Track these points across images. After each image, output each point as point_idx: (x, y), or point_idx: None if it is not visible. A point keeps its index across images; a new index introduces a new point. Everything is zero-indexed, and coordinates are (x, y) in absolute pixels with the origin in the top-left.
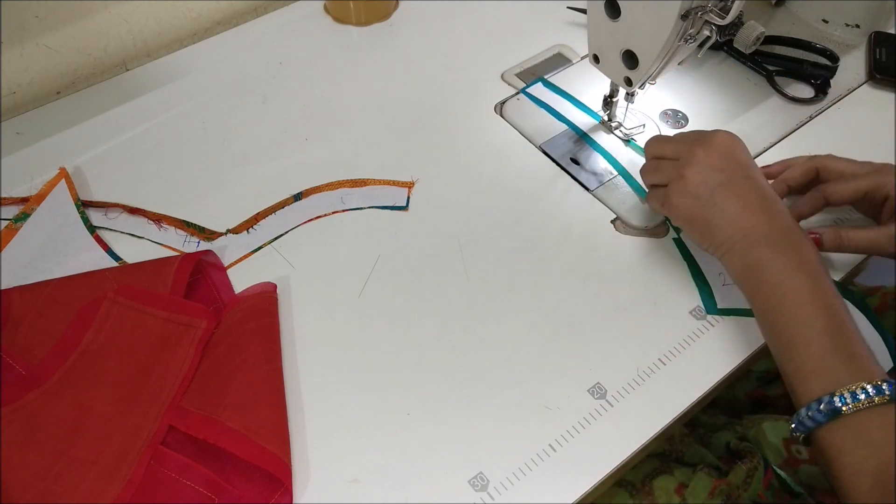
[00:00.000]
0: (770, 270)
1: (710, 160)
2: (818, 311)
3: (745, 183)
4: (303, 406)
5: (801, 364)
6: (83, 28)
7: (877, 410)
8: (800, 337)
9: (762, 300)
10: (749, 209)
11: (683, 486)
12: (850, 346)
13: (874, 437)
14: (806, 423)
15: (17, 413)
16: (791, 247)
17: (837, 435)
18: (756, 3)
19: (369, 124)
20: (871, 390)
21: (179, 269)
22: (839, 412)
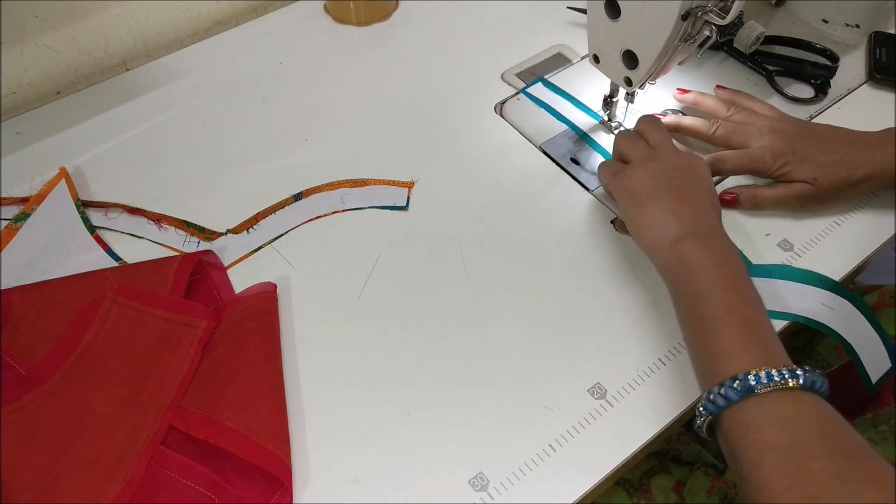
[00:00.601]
0: (698, 258)
1: (676, 163)
2: (741, 300)
3: (695, 187)
4: (303, 406)
5: (719, 345)
6: (83, 28)
7: (789, 393)
8: (722, 319)
9: (688, 286)
10: (689, 206)
11: (681, 484)
12: (769, 337)
13: (786, 415)
14: (717, 402)
15: (17, 413)
16: (718, 244)
17: (749, 412)
18: (756, 3)
19: (369, 124)
20: (786, 373)
21: (179, 269)
22: (752, 390)
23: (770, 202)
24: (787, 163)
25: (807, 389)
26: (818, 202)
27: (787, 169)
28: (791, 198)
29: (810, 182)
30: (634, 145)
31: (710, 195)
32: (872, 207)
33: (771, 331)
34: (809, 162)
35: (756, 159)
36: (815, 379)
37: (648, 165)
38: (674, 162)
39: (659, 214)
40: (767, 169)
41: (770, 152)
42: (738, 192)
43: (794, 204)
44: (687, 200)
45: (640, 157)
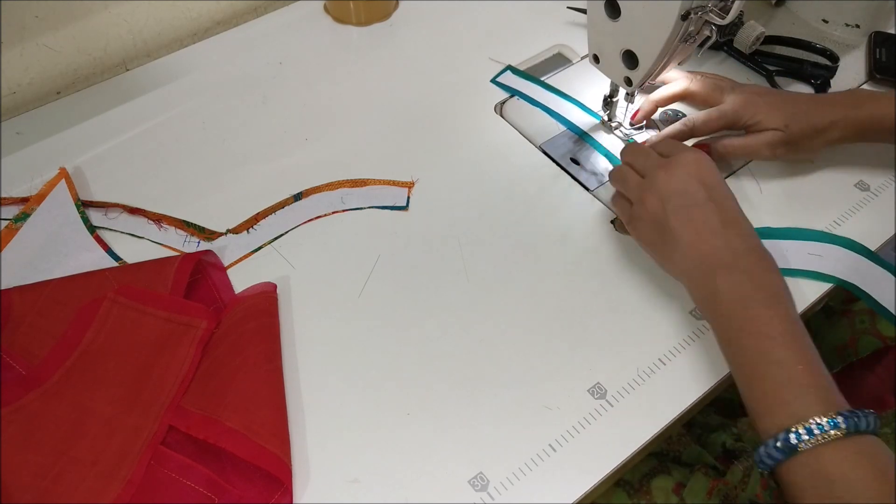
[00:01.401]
0: (724, 300)
1: (671, 185)
2: (773, 341)
3: (705, 207)
4: (303, 406)
5: (759, 400)
6: (83, 28)
7: (833, 445)
8: (755, 371)
9: (721, 331)
10: (704, 234)
11: (681, 485)
12: (807, 376)
13: (831, 475)
14: (766, 461)
15: (17, 413)
16: (745, 272)
17: (796, 473)
18: (756, 3)
19: (369, 124)
20: (826, 425)
21: (179, 269)
22: (795, 449)
23: (740, 150)
24: (758, 111)
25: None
26: (788, 149)
27: (759, 118)
28: (761, 145)
29: (781, 129)
30: (626, 183)
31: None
32: (872, 207)
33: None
34: (780, 110)
35: (724, 114)
36: (860, 420)
37: (647, 205)
38: (669, 186)
39: (679, 257)
40: (740, 119)
41: (742, 103)
42: (709, 143)
43: (765, 151)
44: (700, 231)
45: (634, 195)
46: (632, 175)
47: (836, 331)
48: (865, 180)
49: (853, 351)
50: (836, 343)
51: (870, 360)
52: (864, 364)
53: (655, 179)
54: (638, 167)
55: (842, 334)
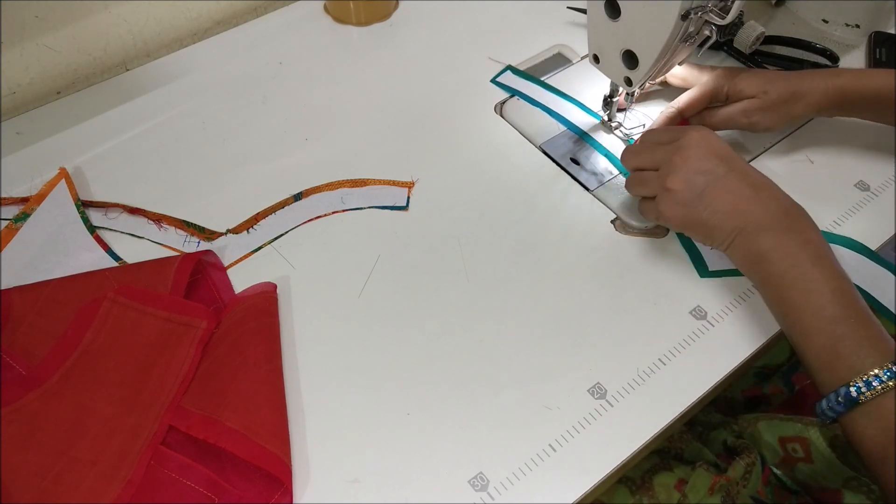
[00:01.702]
0: (772, 260)
1: (689, 164)
2: (824, 297)
3: (730, 176)
4: (303, 406)
5: (815, 356)
6: (83, 28)
7: (892, 394)
8: (810, 327)
9: (771, 292)
10: (740, 202)
11: (683, 482)
12: (861, 328)
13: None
14: (828, 414)
15: (17, 413)
16: (789, 231)
17: (859, 423)
18: (756, 3)
19: (369, 124)
20: (884, 376)
21: (179, 269)
22: (857, 401)
23: (719, 120)
24: (738, 80)
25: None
26: (765, 115)
27: (740, 86)
28: (737, 113)
29: (759, 96)
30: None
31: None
32: (873, 207)
33: (863, 320)
34: (761, 77)
35: (708, 88)
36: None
37: (674, 194)
38: (687, 165)
39: (719, 230)
40: (721, 89)
41: (725, 73)
42: (687, 119)
43: (741, 118)
44: (733, 198)
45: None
46: (647, 173)
47: None
48: (865, 180)
49: None
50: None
51: None
52: None
53: (672, 164)
54: (648, 164)
55: None
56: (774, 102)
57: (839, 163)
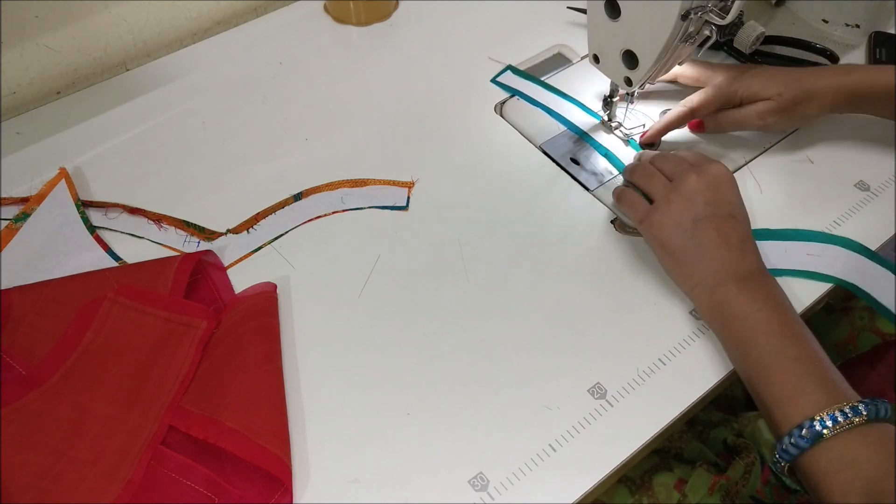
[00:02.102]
0: (737, 305)
1: (701, 189)
2: (788, 339)
3: (727, 221)
4: (303, 406)
5: (778, 392)
6: (83, 28)
7: (857, 430)
8: (773, 365)
9: (732, 333)
10: (723, 247)
11: (683, 482)
12: (823, 371)
13: (858, 456)
14: (790, 451)
15: (17, 413)
16: (756, 284)
17: (822, 458)
18: (756, 3)
19: (369, 124)
20: (849, 412)
21: (179, 269)
22: (821, 436)
23: (734, 121)
24: (753, 83)
25: (872, 421)
26: (780, 117)
27: (755, 89)
28: (752, 115)
29: (774, 98)
30: (653, 181)
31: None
32: (872, 207)
33: (824, 364)
34: (774, 79)
35: (721, 90)
36: (879, 408)
37: (674, 207)
38: (699, 194)
39: (694, 264)
40: (736, 92)
41: (736, 75)
42: (703, 116)
43: (755, 120)
44: (720, 243)
45: (660, 193)
46: (660, 175)
47: (836, 328)
48: (865, 180)
49: (853, 347)
50: (835, 340)
51: (870, 357)
52: (864, 360)
53: (686, 182)
54: (667, 171)
55: (841, 331)
56: (789, 104)
57: (839, 163)
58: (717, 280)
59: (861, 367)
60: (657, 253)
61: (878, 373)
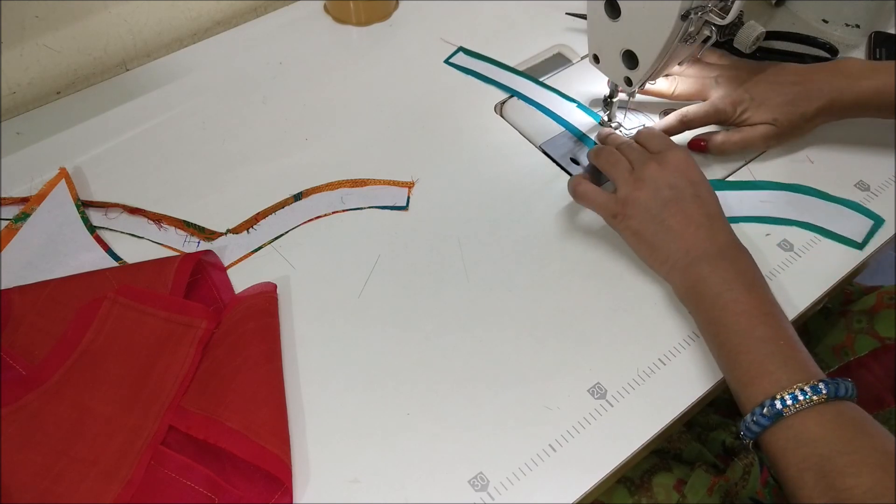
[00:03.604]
0: (709, 284)
1: (663, 175)
2: (755, 319)
3: (693, 201)
4: (303, 406)
5: (743, 371)
6: (83, 28)
7: (815, 409)
8: (740, 346)
9: (704, 313)
10: (692, 227)
11: (682, 482)
12: (788, 350)
13: (814, 434)
14: (752, 429)
15: (17, 413)
16: (728, 260)
17: (780, 436)
18: (756, 3)
19: (369, 124)
20: (808, 391)
21: (179, 269)
22: (781, 414)
23: (737, 146)
24: (746, 109)
25: (832, 399)
26: (781, 140)
27: (748, 115)
28: (756, 139)
29: (771, 123)
30: (617, 167)
31: (702, 202)
32: (872, 207)
33: (791, 343)
34: (767, 105)
35: (718, 110)
36: (839, 386)
37: (640, 195)
38: (662, 178)
39: (666, 248)
40: (729, 117)
41: (730, 101)
42: (706, 138)
43: (759, 144)
44: (687, 223)
45: (624, 180)
46: (624, 161)
47: (834, 331)
48: (865, 180)
49: (850, 351)
50: (833, 343)
51: (868, 360)
52: (862, 363)
53: (648, 169)
54: (630, 156)
55: (839, 334)
56: (786, 129)
57: (839, 163)
58: (690, 260)
59: (859, 371)
60: (631, 243)
61: (875, 376)
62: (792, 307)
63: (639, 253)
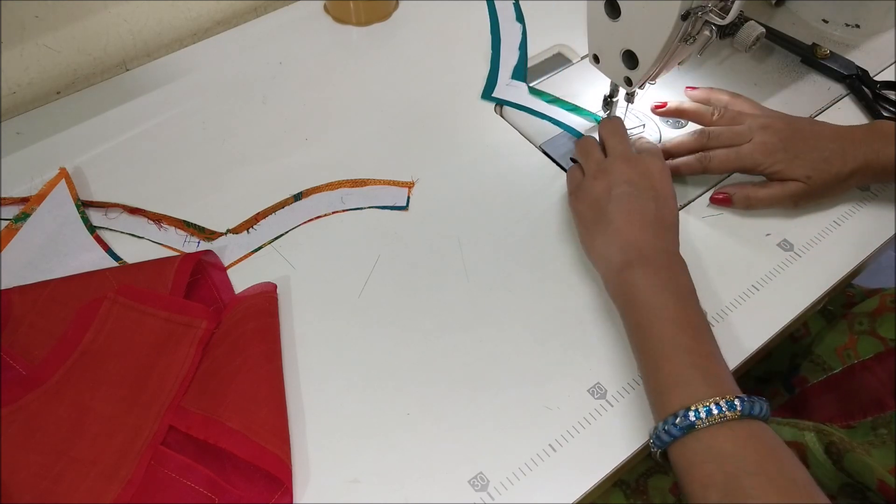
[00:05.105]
0: (640, 288)
1: (626, 172)
2: (680, 329)
3: (646, 202)
4: (303, 406)
5: (662, 379)
6: (83, 28)
7: (727, 425)
8: (662, 353)
9: (631, 318)
10: (635, 225)
11: (678, 485)
12: (709, 363)
13: (723, 450)
14: (663, 438)
15: (17, 413)
16: (662, 267)
17: (690, 448)
18: (756, 3)
19: (369, 124)
20: (724, 406)
21: (179, 269)
22: (693, 426)
23: (764, 202)
24: (778, 160)
25: (746, 418)
26: (811, 199)
27: (780, 167)
28: (785, 197)
29: (803, 181)
30: (588, 157)
31: (658, 206)
32: (872, 207)
33: (713, 357)
34: (802, 159)
35: (747, 157)
36: (754, 405)
37: (596, 184)
38: (624, 175)
39: (605, 241)
40: (759, 166)
41: (762, 150)
42: (731, 191)
43: (788, 203)
44: (632, 221)
45: (590, 171)
46: (597, 152)
47: (836, 333)
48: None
49: (853, 353)
50: (835, 345)
51: (871, 363)
52: (866, 366)
53: (614, 166)
54: (608, 146)
55: (841, 336)
56: (819, 188)
57: None
58: (625, 260)
59: (862, 373)
60: (576, 225)
61: (878, 380)
62: (792, 307)
63: (581, 238)
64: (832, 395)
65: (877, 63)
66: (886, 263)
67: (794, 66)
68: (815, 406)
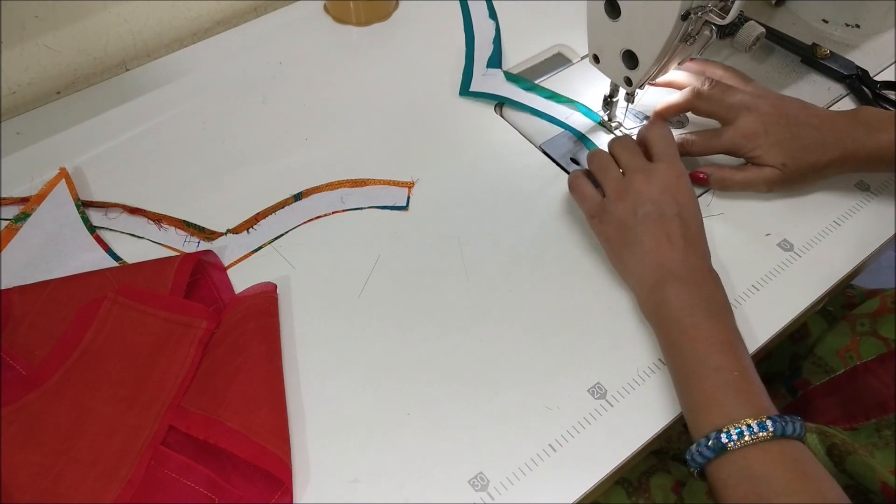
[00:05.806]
0: (672, 307)
1: (648, 190)
2: (713, 347)
3: (673, 221)
4: (303, 406)
5: (695, 400)
6: (83, 28)
7: (760, 446)
8: (695, 373)
9: (665, 336)
10: (665, 245)
11: (680, 484)
12: (742, 382)
13: (756, 472)
14: (697, 459)
15: (17, 413)
16: (695, 284)
17: (724, 470)
18: (756, 3)
19: (369, 124)
20: (755, 427)
21: (179, 269)
22: (725, 448)
23: (739, 185)
24: (758, 146)
25: (778, 437)
26: (785, 186)
27: (759, 153)
28: (760, 182)
29: (779, 168)
30: (605, 174)
31: (682, 222)
32: (872, 207)
33: (746, 375)
34: (780, 146)
35: (726, 142)
36: (787, 425)
37: (620, 206)
38: (646, 194)
39: (636, 261)
40: (739, 150)
41: (744, 134)
42: (708, 172)
43: (762, 187)
44: (661, 241)
45: (610, 191)
46: (614, 168)
47: (837, 334)
48: (865, 180)
49: (855, 354)
50: (837, 347)
51: (874, 364)
52: (869, 368)
53: (633, 185)
54: (622, 162)
55: (843, 338)
56: (794, 175)
57: None
58: (656, 280)
59: (865, 375)
60: (604, 247)
61: (881, 382)
62: (792, 307)
63: (610, 260)
64: (835, 398)
65: (877, 63)
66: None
67: (794, 66)
68: (818, 408)
